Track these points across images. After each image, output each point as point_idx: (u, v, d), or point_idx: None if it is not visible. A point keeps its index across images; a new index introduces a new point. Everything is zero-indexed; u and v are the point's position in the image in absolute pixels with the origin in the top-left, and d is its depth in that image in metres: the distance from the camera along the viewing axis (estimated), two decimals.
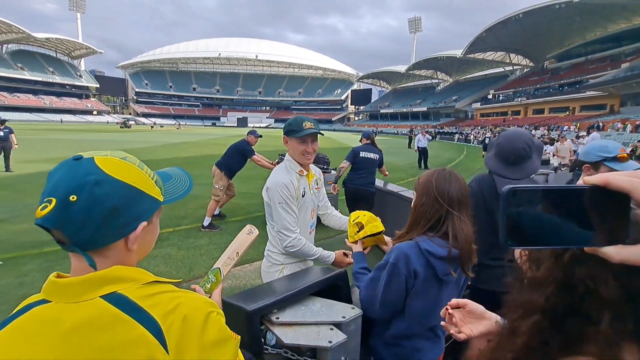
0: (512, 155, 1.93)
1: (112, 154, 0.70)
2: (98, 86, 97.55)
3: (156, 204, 0.74)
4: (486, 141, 21.84)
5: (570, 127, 32.05)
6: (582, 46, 51.29)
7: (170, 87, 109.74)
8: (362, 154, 5.25)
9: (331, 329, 1.40)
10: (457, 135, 44.01)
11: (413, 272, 1.36)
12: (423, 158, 15.45)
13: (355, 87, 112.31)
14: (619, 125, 27.87)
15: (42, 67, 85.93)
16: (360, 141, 5.62)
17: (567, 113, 43.72)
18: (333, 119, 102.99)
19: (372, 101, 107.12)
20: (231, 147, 6.21)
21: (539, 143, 2.01)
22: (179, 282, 0.73)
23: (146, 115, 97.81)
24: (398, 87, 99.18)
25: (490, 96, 61.92)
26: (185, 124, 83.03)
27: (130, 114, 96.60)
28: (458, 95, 70.89)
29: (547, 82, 52.07)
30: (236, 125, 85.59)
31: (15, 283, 3.81)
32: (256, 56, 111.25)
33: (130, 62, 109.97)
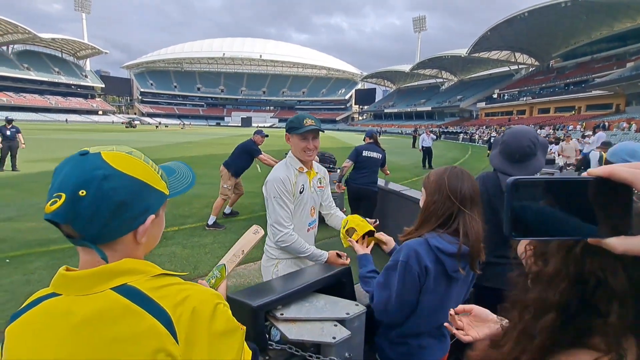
0: (517, 153, 1.92)
1: (118, 149, 0.71)
2: (103, 86, 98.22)
3: (162, 198, 0.75)
4: (491, 140, 21.72)
5: (576, 127, 31.79)
6: (588, 45, 50.90)
7: (174, 87, 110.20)
8: (365, 153, 5.22)
9: (335, 325, 1.40)
10: (462, 135, 43.89)
11: (424, 269, 1.35)
12: (427, 158, 15.42)
13: (359, 87, 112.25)
14: (624, 124, 27.61)
15: (48, 68, 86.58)
16: (363, 140, 5.61)
17: (573, 112, 43.44)
18: (337, 119, 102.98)
19: (376, 101, 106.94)
20: (238, 147, 6.27)
21: (544, 141, 2.00)
22: (186, 275, 0.74)
23: (151, 115, 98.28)
24: (402, 87, 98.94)
25: (495, 95, 61.65)
26: (189, 124, 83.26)
27: (135, 114, 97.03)
28: (463, 94, 70.62)
29: (553, 82, 51.76)
30: (240, 125, 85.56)
31: (22, 280, 3.85)
32: (260, 56, 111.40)
33: (135, 62, 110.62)
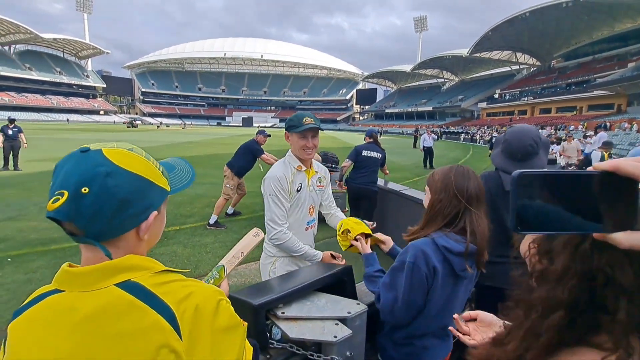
0: (519, 151, 1.92)
1: (119, 145, 0.70)
2: (105, 86, 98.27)
3: (164, 194, 0.75)
4: (493, 140, 21.69)
5: (577, 127, 31.69)
6: (589, 45, 50.72)
7: (176, 87, 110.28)
8: (365, 153, 5.22)
9: (336, 324, 1.40)
10: (463, 135, 43.79)
11: (432, 269, 1.33)
12: (428, 158, 15.42)
13: (360, 87, 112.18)
14: (626, 125, 27.48)
15: (50, 68, 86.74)
16: (364, 140, 5.59)
17: (574, 112, 43.29)
18: (338, 119, 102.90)
19: (377, 101, 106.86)
20: (241, 147, 6.29)
21: (546, 140, 2.00)
22: (189, 272, 0.72)
23: (152, 115, 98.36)
24: (403, 87, 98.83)
25: (496, 95, 61.50)
26: (191, 124, 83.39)
27: (136, 114, 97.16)
28: (464, 94, 70.51)
29: (554, 82, 51.62)
30: (241, 125, 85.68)
31: (23, 279, 3.86)
32: (261, 56, 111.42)
33: (136, 62, 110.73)
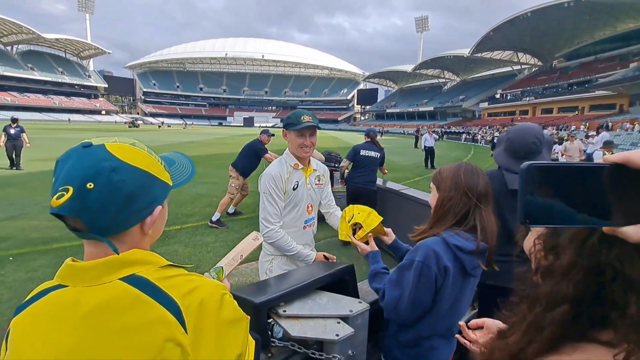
0: (522, 150, 1.91)
1: (121, 140, 0.70)
2: (106, 86, 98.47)
3: (167, 188, 0.75)
4: (494, 140, 21.66)
5: (579, 127, 31.61)
6: (591, 45, 50.55)
7: (177, 87, 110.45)
8: (363, 152, 5.22)
9: (338, 323, 1.39)
10: (464, 135, 43.75)
11: (444, 268, 1.31)
12: (430, 158, 15.40)
13: (361, 87, 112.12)
14: (628, 125, 27.41)
15: (52, 68, 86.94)
16: (365, 139, 5.59)
17: (576, 113, 43.16)
18: (339, 119, 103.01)
19: (379, 101, 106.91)
20: (245, 147, 6.30)
21: (549, 138, 1.99)
22: (192, 268, 0.73)
23: (154, 115, 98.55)
24: (404, 87, 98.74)
25: (498, 96, 61.39)
26: (192, 124, 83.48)
27: (138, 114, 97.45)
28: (465, 94, 70.40)
29: (556, 82, 51.48)
30: (242, 125, 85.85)
31: (24, 278, 3.86)
32: (262, 56, 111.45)
33: (138, 63, 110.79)
